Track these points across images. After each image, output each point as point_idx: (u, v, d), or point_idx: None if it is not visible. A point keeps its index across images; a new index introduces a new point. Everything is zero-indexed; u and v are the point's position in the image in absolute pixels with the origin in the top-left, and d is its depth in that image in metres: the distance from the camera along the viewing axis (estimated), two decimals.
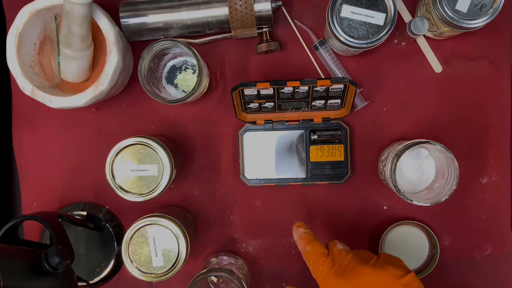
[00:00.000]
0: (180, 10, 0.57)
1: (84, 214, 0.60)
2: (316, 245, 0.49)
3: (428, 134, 0.61)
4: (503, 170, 0.61)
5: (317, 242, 0.50)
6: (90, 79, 0.58)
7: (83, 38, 0.51)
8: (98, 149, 0.62)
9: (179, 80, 0.61)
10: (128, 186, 0.55)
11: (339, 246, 0.49)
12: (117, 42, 0.53)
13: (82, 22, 0.50)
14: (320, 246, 0.49)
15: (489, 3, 0.51)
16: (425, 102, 0.61)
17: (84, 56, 0.53)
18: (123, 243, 0.53)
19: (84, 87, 0.54)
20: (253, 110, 0.59)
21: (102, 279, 0.59)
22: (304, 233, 0.51)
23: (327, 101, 0.58)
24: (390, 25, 0.51)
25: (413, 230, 0.61)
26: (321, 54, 0.60)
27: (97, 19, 0.53)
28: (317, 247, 0.49)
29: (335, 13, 0.52)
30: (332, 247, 0.49)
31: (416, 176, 0.58)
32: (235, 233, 0.63)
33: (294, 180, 0.61)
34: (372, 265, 0.46)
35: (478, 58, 0.61)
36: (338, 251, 0.48)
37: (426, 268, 0.60)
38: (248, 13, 0.56)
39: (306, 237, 0.50)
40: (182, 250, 0.53)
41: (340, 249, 0.49)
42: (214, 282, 0.60)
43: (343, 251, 0.48)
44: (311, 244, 0.50)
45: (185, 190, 0.63)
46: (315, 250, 0.49)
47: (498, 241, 0.62)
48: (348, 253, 0.48)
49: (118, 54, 0.53)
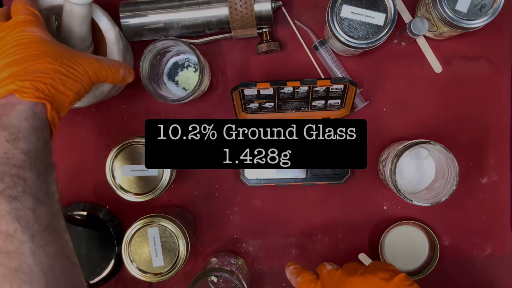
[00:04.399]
0: (180, 10, 0.57)
1: (84, 214, 0.60)
2: (305, 275, 0.51)
3: (428, 134, 0.61)
4: (503, 170, 0.61)
5: (306, 272, 0.52)
6: None
7: (83, 38, 0.51)
8: (98, 149, 0.62)
9: (180, 77, 0.61)
10: (128, 186, 0.55)
11: (328, 267, 0.51)
12: (117, 42, 0.53)
13: (82, 22, 0.50)
14: (309, 274, 0.51)
15: (489, 3, 0.51)
16: (425, 102, 0.61)
17: None
18: (123, 243, 0.53)
19: None
20: (253, 110, 0.60)
21: (102, 279, 0.59)
22: (294, 268, 0.53)
23: (327, 101, 0.58)
24: (390, 25, 0.51)
25: (413, 230, 0.61)
26: (321, 54, 0.60)
27: (97, 19, 0.53)
28: (307, 276, 0.51)
29: (335, 13, 0.52)
30: (321, 271, 0.51)
31: (416, 176, 0.58)
32: (235, 233, 0.63)
33: (294, 180, 0.61)
34: (360, 274, 0.46)
35: (478, 58, 0.61)
36: (327, 272, 0.50)
37: (426, 268, 0.60)
38: (248, 13, 0.56)
39: (296, 271, 0.53)
40: (182, 250, 0.53)
41: (329, 269, 0.50)
42: (214, 282, 0.60)
43: (332, 271, 0.49)
44: (301, 275, 0.52)
45: (185, 190, 0.63)
46: (305, 279, 0.51)
47: (498, 241, 0.62)
48: (337, 270, 0.49)
49: (118, 54, 0.53)
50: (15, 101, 0.37)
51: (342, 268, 0.49)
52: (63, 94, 0.40)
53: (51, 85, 0.39)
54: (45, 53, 0.41)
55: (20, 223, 0.34)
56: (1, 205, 0.34)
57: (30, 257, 0.34)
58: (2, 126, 0.36)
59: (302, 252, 0.62)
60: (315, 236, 0.62)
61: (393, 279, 0.44)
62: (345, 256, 0.62)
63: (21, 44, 0.41)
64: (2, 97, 0.37)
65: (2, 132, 0.35)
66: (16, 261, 0.33)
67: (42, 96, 0.38)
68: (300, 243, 0.62)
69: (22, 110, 0.37)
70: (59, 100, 0.40)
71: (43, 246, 0.35)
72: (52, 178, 0.39)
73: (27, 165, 0.36)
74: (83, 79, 0.43)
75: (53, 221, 0.37)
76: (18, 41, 0.41)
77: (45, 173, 0.37)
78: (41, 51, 0.40)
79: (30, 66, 0.39)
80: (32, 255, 0.34)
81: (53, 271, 0.35)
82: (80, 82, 0.43)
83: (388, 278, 0.45)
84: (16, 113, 0.36)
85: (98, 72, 0.45)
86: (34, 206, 0.35)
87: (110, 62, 0.47)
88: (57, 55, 0.41)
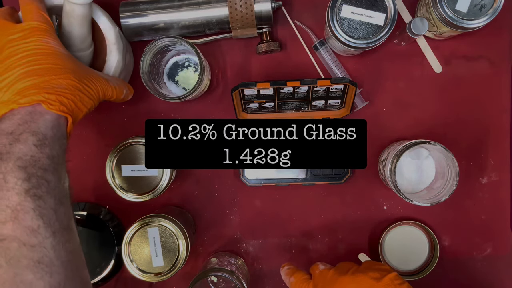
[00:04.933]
0: (180, 10, 0.57)
1: (84, 214, 0.60)
2: (298, 275, 0.52)
3: (428, 134, 0.61)
4: (503, 170, 0.61)
5: (299, 272, 0.53)
6: None
7: (83, 38, 0.51)
8: (98, 149, 0.62)
9: (180, 77, 0.61)
10: (128, 186, 0.55)
11: (321, 266, 0.51)
12: (117, 42, 0.53)
13: (82, 22, 0.50)
14: (302, 274, 0.52)
15: (489, 3, 0.51)
16: (425, 102, 0.61)
17: (84, 57, 0.53)
18: (123, 243, 0.53)
19: None
20: (253, 110, 0.60)
21: (102, 279, 0.59)
22: (288, 269, 0.54)
23: (327, 101, 0.58)
24: (390, 25, 0.51)
25: (413, 230, 0.61)
26: (321, 54, 0.60)
27: (97, 19, 0.53)
28: (300, 276, 0.52)
29: (335, 13, 0.52)
30: (314, 271, 0.51)
31: (416, 176, 0.58)
32: (235, 233, 0.63)
33: (294, 180, 0.61)
34: (351, 273, 0.47)
35: (478, 58, 0.61)
36: (320, 272, 0.50)
37: (426, 268, 0.60)
38: (248, 13, 0.56)
39: (289, 271, 0.53)
40: (182, 250, 0.53)
41: (322, 269, 0.50)
42: (214, 282, 0.60)
43: (324, 271, 0.50)
44: (294, 275, 0.52)
45: (185, 190, 0.63)
46: (298, 279, 0.51)
47: (498, 241, 0.62)
48: (330, 270, 0.49)
49: (118, 54, 0.53)
50: (43, 111, 0.40)
51: (335, 267, 0.49)
52: (79, 110, 0.43)
53: (72, 101, 0.42)
54: (65, 68, 0.43)
55: (44, 220, 0.37)
56: (27, 202, 0.36)
57: (52, 251, 0.36)
58: (31, 132, 0.38)
59: (302, 252, 0.62)
60: (315, 236, 0.62)
61: (383, 279, 0.44)
62: (345, 256, 0.62)
63: (40, 55, 0.42)
64: (29, 105, 0.40)
65: (31, 137, 0.38)
66: (39, 254, 0.36)
67: (66, 110, 0.41)
68: (300, 243, 0.62)
69: (49, 120, 0.40)
70: (76, 115, 0.43)
71: (63, 243, 0.38)
72: (68, 184, 0.42)
73: (50, 168, 0.39)
74: (95, 96, 0.46)
75: (70, 222, 0.40)
76: (35, 50, 0.42)
77: (64, 178, 0.41)
78: (61, 66, 0.43)
79: (53, 79, 0.41)
80: (53, 249, 0.37)
81: (70, 266, 0.38)
82: (93, 100, 0.46)
83: (378, 278, 0.45)
84: (43, 122, 0.40)
85: (106, 92, 0.48)
86: (55, 206, 0.38)
87: (116, 83, 0.50)
88: (76, 72, 0.44)
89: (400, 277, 0.45)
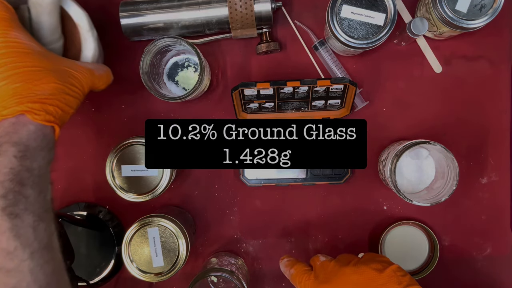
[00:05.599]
0: (180, 10, 0.57)
1: (84, 214, 0.60)
2: (298, 266, 0.51)
3: (428, 134, 0.61)
4: (503, 170, 0.61)
5: (299, 264, 0.52)
6: None
7: (53, 29, 0.47)
8: (98, 149, 0.62)
9: (180, 77, 0.61)
10: (128, 186, 0.55)
11: (322, 258, 0.51)
12: (91, 29, 0.50)
13: (51, 11, 0.46)
14: (302, 266, 0.51)
15: (489, 3, 0.51)
16: (425, 102, 0.61)
17: (55, 50, 0.49)
18: (123, 243, 0.53)
19: None
20: (253, 110, 0.60)
21: (102, 279, 0.59)
22: (287, 261, 0.53)
23: (327, 101, 0.58)
24: (390, 25, 0.51)
25: (413, 230, 0.61)
26: (321, 54, 0.60)
27: (67, 7, 0.49)
28: (300, 267, 0.51)
29: (335, 13, 0.52)
30: (315, 262, 0.51)
31: (416, 176, 0.58)
32: (235, 233, 0.63)
33: (294, 180, 0.61)
34: (353, 265, 0.46)
35: (478, 58, 0.61)
36: (321, 263, 0.50)
37: (426, 268, 0.60)
38: (248, 14, 0.56)
39: (289, 263, 0.53)
40: (182, 250, 0.53)
41: (323, 260, 0.50)
42: (214, 282, 0.60)
43: (325, 262, 0.49)
44: (294, 266, 0.52)
45: (185, 190, 0.63)
46: (298, 270, 0.51)
47: (498, 241, 0.62)
48: (331, 261, 0.49)
49: (94, 41, 0.51)
50: (26, 121, 0.38)
51: (336, 259, 0.49)
52: (66, 113, 0.41)
53: (58, 107, 0.40)
54: (46, 70, 0.40)
55: (21, 240, 0.34)
56: (3, 222, 0.34)
57: (29, 275, 0.34)
58: (12, 143, 0.36)
59: (302, 252, 0.62)
60: (315, 236, 0.62)
61: (386, 270, 0.44)
62: None
63: (14, 56, 0.38)
64: (12, 116, 0.37)
65: (11, 148, 0.36)
66: (15, 279, 0.34)
67: (52, 119, 0.39)
68: (300, 243, 0.62)
69: (32, 130, 0.38)
70: (63, 120, 0.41)
71: (41, 265, 0.36)
72: (50, 195, 0.39)
73: (29, 182, 0.36)
74: (81, 94, 0.43)
75: (50, 239, 0.38)
76: (5, 49, 0.38)
77: (46, 190, 0.38)
78: (40, 67, 0.40)
79: (35, 86, 0.39)
80: (30, 273, 0.35)
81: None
82: (79, 99, 0.43)
83: (381, 269, 0.44)
84: (26, 132, 0.37)
85: (91, 84, 0.45)
86: (34, 224, 0.36)
87: (103, 70, 0.47)
88: (57, 72, 0.41)
89: (402, 269, 0.45)
